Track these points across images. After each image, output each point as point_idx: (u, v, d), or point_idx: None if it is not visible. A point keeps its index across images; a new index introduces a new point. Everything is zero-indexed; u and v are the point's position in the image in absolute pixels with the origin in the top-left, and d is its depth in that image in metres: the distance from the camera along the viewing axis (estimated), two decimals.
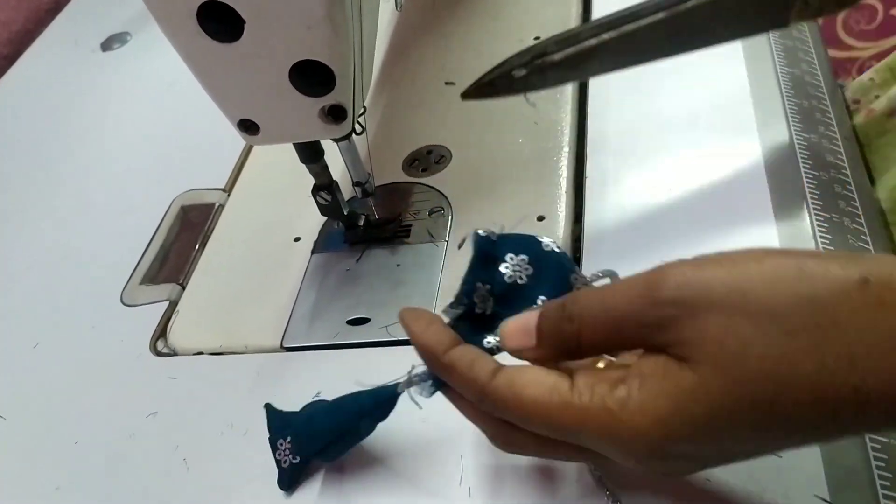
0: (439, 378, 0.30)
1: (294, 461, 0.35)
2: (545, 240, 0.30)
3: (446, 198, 0.49)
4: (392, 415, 0.38)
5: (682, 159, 0.46)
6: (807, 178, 0.43)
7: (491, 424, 0.29)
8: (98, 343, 0.48)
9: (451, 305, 0.30)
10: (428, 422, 0.37)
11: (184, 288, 0.50)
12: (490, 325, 0.30)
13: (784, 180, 0.43)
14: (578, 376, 0.26)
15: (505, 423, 0.28)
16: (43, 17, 0.90)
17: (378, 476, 0.36)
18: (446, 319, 0.30)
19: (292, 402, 0.40)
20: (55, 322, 0.50)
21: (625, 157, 0.48)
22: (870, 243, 0.41)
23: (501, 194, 0.48)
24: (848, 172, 0.44)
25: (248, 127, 0.40)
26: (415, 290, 0.44)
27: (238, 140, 0.41)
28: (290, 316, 0.45)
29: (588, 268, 0.42)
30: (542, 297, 0.30)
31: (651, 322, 0.24)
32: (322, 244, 0.49)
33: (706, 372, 0.23)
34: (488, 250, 0.30)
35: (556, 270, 0.30)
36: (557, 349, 0.27)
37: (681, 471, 0.27)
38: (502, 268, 0.30)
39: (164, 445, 0.40)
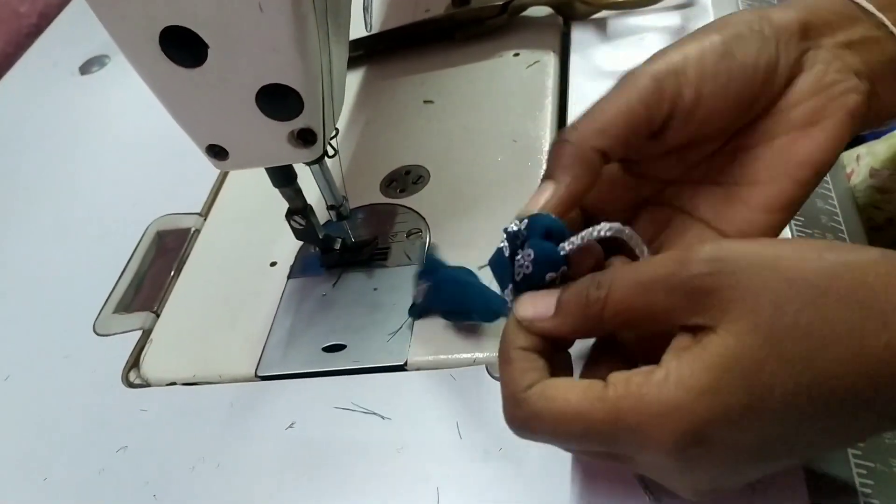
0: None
1: (425, 303, 0.42)
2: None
3: (424, 219, 0.48)
4: (367, 444, 0.37)
5: None
6: None
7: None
8: (69, 375, 0.47)
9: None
10: (404, 452, 0.36)
11: (158, 316, 0.49)
12: None
13: None
14: (612, 375, 0.25)
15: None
16: (22, 41, 0.89)
17: None
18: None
19: (265, 432, 0.39)
20: (27, 353, 0.49)
21: None
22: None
23: (480, 214, 0.47)
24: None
25: (216, 152, 0.39)
26: (392, 314, 0.43)
27: None
28: (265, 344, 0.44)
29: None
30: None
31: (683, 283, 0.24)
32: (298, 269, 0.48)
33: (743, 332, 0.23)
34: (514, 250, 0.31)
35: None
36: (578, 317, 0.27)
37: (720, 470, 0.25)
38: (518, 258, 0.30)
39: (134, 481, 0.39)
